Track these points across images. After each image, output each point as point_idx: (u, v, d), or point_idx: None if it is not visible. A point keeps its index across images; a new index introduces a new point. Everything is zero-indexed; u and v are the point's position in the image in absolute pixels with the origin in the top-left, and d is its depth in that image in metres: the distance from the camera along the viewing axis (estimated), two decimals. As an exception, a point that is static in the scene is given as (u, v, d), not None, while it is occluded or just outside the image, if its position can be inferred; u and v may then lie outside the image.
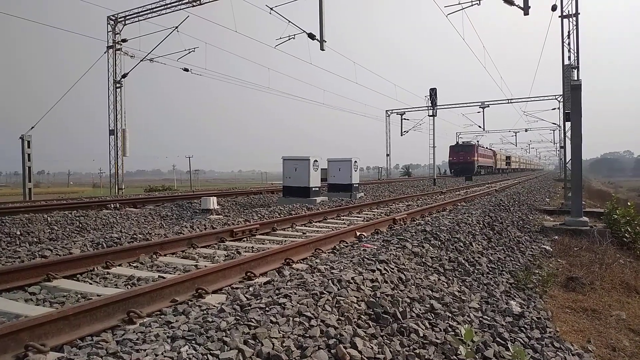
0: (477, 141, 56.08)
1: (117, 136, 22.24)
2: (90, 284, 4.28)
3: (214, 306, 3.17)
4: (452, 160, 50.53)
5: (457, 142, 53.97)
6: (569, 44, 13.21)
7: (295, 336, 2.53)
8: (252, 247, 6.07)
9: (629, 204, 9.88)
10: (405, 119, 42.08)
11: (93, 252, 5.18)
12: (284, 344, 2.43)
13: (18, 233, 7.66)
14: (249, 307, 2.87)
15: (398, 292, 3.59)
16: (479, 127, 44.59)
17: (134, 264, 5.03)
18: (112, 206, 10.89)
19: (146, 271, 4.74)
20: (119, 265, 4.90)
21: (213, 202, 10.36)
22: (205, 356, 2.25)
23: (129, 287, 4.08)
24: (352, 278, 3.52)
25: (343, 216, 9.95)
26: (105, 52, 21.77)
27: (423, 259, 4.93)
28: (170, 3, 20.07)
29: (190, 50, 20.90)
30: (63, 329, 2.76)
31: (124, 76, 22.20)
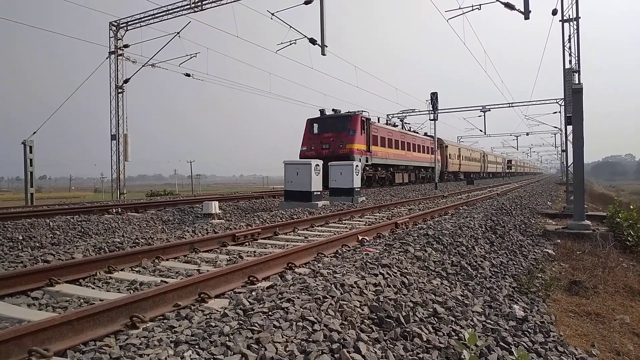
0: (399, 121, 32.83)
1: (118, 141, 22.33)
2: (93, 288, 4.28)
3: (217, 311, 3.17)
4: (306, 152, 23.01)
5: (324, 113, 24.34)
6: (569, 47, 13.23)
7: (299, 340, 2.53)
8: (255, 252, 6.06)
9: (631, 207, 9.86)
10: (406, 122, 42.09)
11: (95, 256, 5.18)
12: (287, 349, 2.43)
13: (20, 238, 7.67)
14: (252, 312, 2.87)
15: (401, 296, 3.59)
16: (480, 130, 44.73)
17: (137, 269, 5.03)
18: (114, 211, 10.90)
19: (149, 276, 4.73)
20: (122, 269, 4.90)
21: (215, 207, 10.37)
22: (208, 361, 2.24)
23: (132, 291, 4.08)
24: (355, 282, 3.52)
25: (345, 220, 9.94)
26: (107, 58, 21.90)
27: (426, 263, 4.92)
28: (172, 9, 20.19)
29: (192, 55, 21.02)
30: (66, 334, 2.76)
31: (125, 81, 22.31)
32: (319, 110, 24.36)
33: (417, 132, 35.66)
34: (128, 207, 11.90)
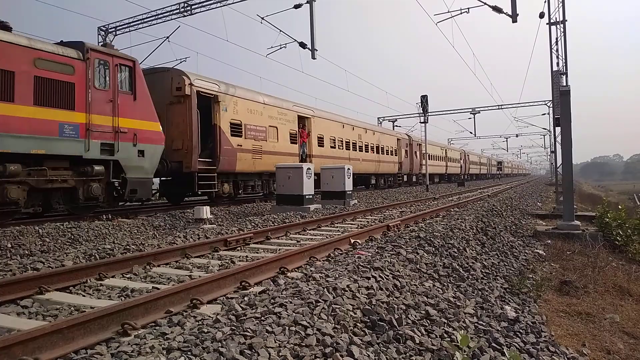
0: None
1: (108, 146, 22.13)
2: (84, 296, 4.24)
3: (209, 316, 3.16)
4: None
5: None
6: (557, 50, 13.41)
7: (292, 345, 2.52)
8: (247, 257, 6.04)
9: (619, 207, 10.00)
10: (397, 125, 42.32)
11: (86, 264, 5.13)
12: (280, 354, 2.42)
13: (9, 245, 7.56)
14: (245, 317, 2.86)
15: (393, 299, 3.60)
16: (470, 133, 45.08)
17: (128, 275, 4.98)
18: (105, 217, 10.79)
19: (140, 282, 4.70)
20: (112, 276, 4.86)
21: (206, 212, 10.30)
22: (201, 367, 2.23)
23: (123, 298, 4.05)
24: (348, 286, 3.52)
25: (337, 223, 9.95)
26: (96, 63, 21.71)
27: (417, 266, 4.94)
28: (161, 13, 20.10)
29: (182, 60, 20.90)
30: (57, 343, 2.73)
31: (115, 86, 22.13)
32: None
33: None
34: (119, 212, 11.79)
